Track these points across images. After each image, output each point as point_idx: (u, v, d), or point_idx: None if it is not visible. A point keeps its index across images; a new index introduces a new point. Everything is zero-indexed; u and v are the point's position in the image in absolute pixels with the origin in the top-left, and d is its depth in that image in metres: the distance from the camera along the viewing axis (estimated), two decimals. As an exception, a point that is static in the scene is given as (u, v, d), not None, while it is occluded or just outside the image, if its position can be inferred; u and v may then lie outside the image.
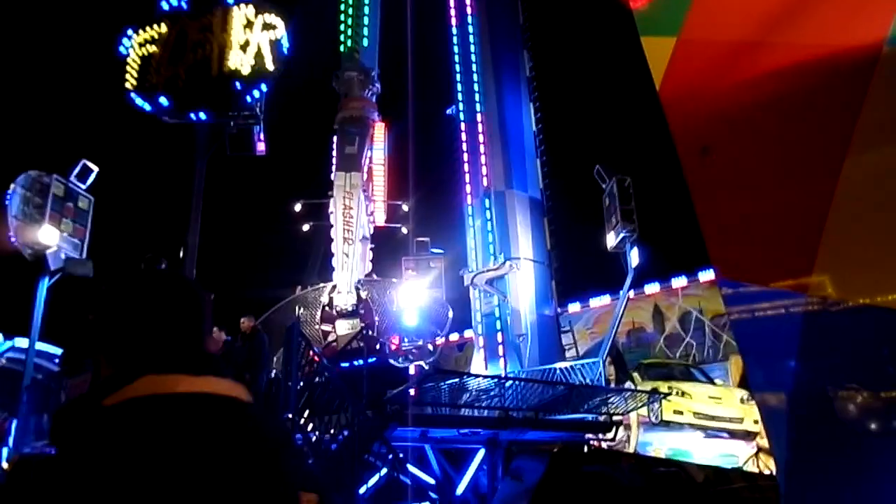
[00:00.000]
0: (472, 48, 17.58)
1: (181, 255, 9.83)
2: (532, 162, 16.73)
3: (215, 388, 1.21)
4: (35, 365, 14.12)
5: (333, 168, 15.18)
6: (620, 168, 15.30)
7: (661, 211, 20.49)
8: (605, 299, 21.61)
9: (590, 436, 11.22)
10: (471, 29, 17.82)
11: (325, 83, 16.62)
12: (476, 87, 17.17)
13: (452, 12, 18.22)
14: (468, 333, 18.34)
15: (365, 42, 16.97)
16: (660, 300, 20.82)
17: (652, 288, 20.65)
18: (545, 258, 15.55)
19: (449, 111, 17.78)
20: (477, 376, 10.59)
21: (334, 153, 15.42)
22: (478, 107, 17.01)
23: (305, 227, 16.12)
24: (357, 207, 14.73)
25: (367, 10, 17.04)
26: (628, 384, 13.49)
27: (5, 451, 13.40)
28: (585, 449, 10.66)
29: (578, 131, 25.38)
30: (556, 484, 6.84)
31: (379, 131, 16.42)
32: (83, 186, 15.02)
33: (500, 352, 14.21)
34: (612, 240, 14.64)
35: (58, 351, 16.83)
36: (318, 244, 16.03)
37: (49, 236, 13.76)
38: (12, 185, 13.91)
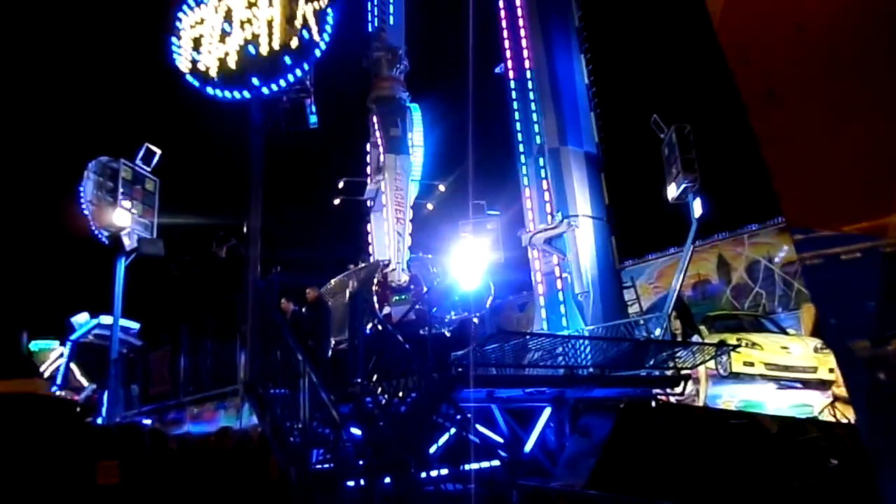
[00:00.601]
0: (518, 1, 17.11)
1: (244, 230, 10.14)
2: (586, 116, 16.29)
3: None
4: (119, 340, 14.98)
5: (381, 150, 15.39)
6: (679, 117, 14.78)
7: (723, 159, 19.75)
8: (668, 253, 21.15)
9: (657, 391, 11.13)
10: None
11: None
12: (524, 43, 16.75)
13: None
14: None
15: (391, 20, 16.93)
16: (725, 250, 20.20)
17: (717, 238, 20.10)
18: (604, 214, 15.26)
19: (497, 70, 17.43)
20: (540, 335, 10.62)
21: (377, 134, 15.64)
22: (526, 63, 16.61)
23: (336, 201, 16.48)
24: (405, 189, 15.01)
25: None
26: (695, 338, 13.25)
27: (99, 420, 14.39)
28: (653, 404, 10.61)
29: (633, 81, 24.50)
30: (625, 439, 6.85)
31: (417, 115, 16.51)
32: (148, 169, 15.67)
33: (562, 310, 14.15)
34: (673, 191, 14.24)
35: (136, 325, 17.83)
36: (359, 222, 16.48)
37: (122, 218, 14.46)
38: (85, 172, 14.64)
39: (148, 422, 12.40)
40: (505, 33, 17.14)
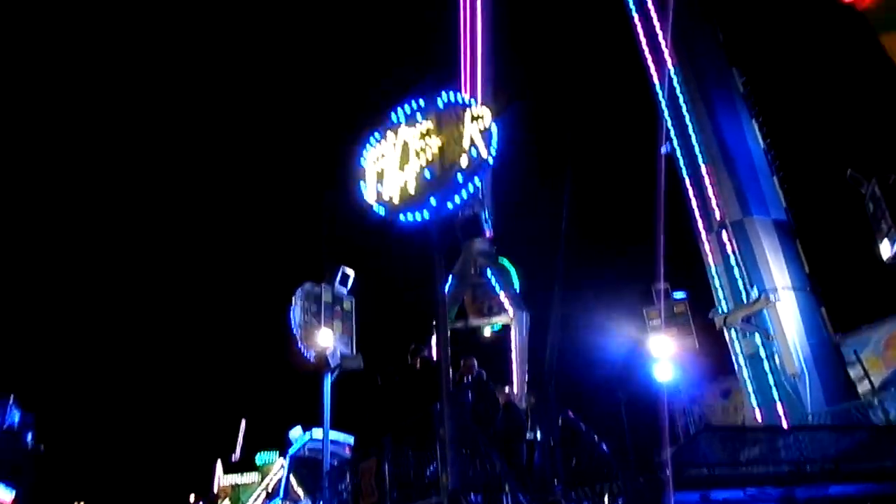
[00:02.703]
0: (675, 79, 16.98)
1: (433, 341, 10.63)
2: (768, 181, 15.33)
3: None
4: (332, 452, 16.00)
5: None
6: (879, 166, 13.39)
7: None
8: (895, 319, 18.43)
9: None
10: (668, 60, 17.28)
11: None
12: (687, 119, 16.43)
13: (647, 53, 17.89)
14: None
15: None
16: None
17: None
18: (806, 283, 13.88)
19: (663, 149, 17.15)
20: (755, 429, 9.66)
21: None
22: (693, 138, 16.21)
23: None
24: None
25: None
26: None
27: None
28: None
29: (816, 138, 22.69)
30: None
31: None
32: (345, 290, 17.21)
33: (775, 395, 12.79)
34: (887, 249, 12.69)
35: (349, 439, 18.99)
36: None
37: (326, 338, 15.85)
38: (293, 300, 16.43)
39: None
40: (666, 112, 16.99)
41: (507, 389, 11.04)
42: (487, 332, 15.34)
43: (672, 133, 16.67)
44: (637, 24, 18.23)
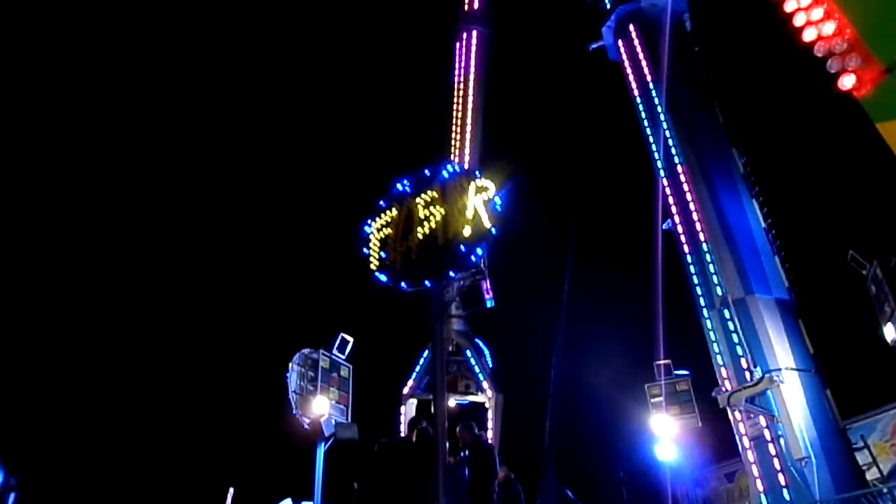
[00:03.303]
0: (676, 158, 17.33)
1: (432, 411, 10.45)
2: (769, 261, 15.39)
3: None
4: (320, 528, 15.36)
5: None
6: (879, 249, 13.44)
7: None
8: (901, 403, 18.14)
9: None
10: (669, 139, 17.71)
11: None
12: (688, 197, 16.66)
13: (648, 131, 18.37)
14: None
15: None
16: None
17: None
18: (810, 364, 13.70)
19: (665, 226, 17.33)
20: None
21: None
22: (694, 216, 16.38)
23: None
24: None
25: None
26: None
27: None
28: None
29: (816, 219, 22.97)
30: None
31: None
32: (343, 357, 16.98)
33: (782, 481, 12.39)
34: (891, 331, 12.55)
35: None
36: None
37: (322, 406, 15.52)
38: (290, 365, 16.19)
39: None
40: (667, 190, 17.25)
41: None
42: (451, 403, 15.49)
43: (673, 210, 16.88)
44: (638, 102, 18.80)
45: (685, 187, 16.77)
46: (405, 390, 16.55)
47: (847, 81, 4.64)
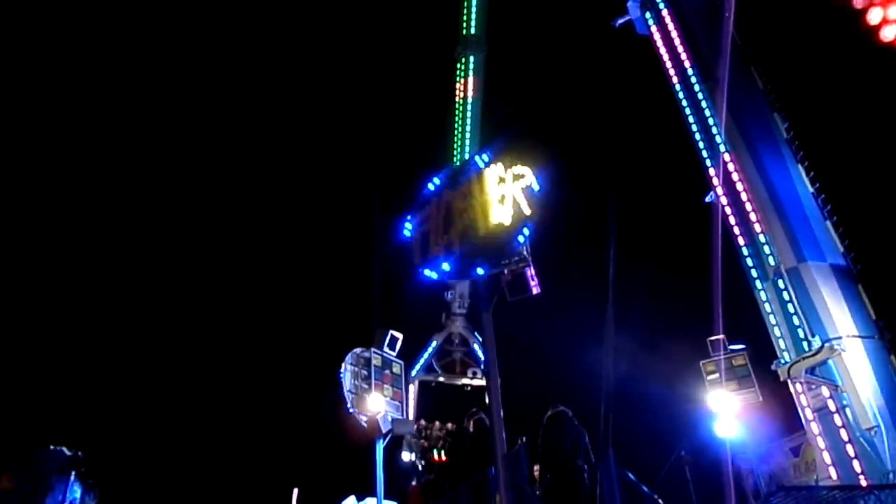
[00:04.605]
0: (715, 128, 16.91)
1: (487, 401, 10.52)
2: (820, 226, 14.91)
3: None
4: (384, 522, 15.60)
5: None
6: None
7: None
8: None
9: None
10: (708, 113, 17.29)
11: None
12: (731, 167, 16.25)
13: (685, 103, 17.95)
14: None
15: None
16: None
17: None
18: (874, 330, 13.23)
19: (708, 198, 16.92)
20: (832, 488, 9.09)
21: None
22: (739, 185, 15.97)
23: None
24: None
25: None
26: None
27: None
28: None
29: (868, 179, 22.06)
30: None
31: None
32: (394, 354, 17.21)
33: (850, 451, 12.01)
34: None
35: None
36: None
37: (377, 403, 15.78)
38: (343, 365, 16.49)
39: None
40: (708, 161, 16.86)
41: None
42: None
43: (715, 181, 16.48)
44: (672, 75, 18.36)
45: (727, 157, 16.36)
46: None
47: (889, 32, 4.47)
